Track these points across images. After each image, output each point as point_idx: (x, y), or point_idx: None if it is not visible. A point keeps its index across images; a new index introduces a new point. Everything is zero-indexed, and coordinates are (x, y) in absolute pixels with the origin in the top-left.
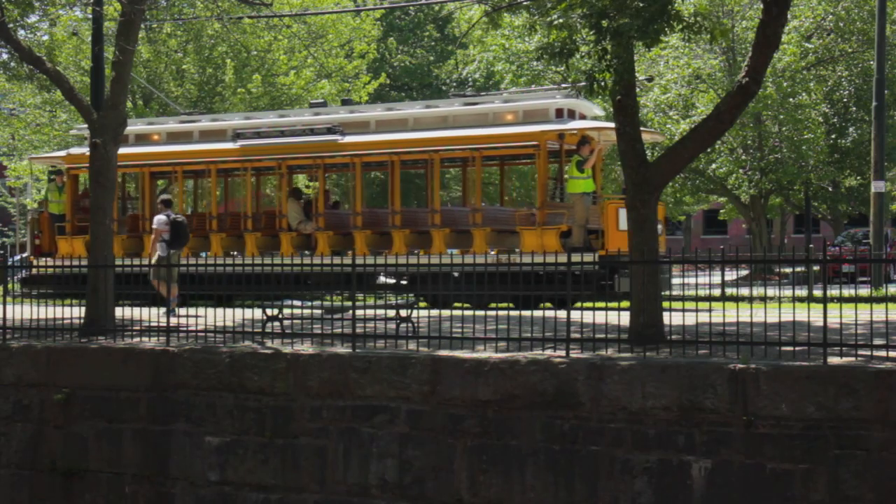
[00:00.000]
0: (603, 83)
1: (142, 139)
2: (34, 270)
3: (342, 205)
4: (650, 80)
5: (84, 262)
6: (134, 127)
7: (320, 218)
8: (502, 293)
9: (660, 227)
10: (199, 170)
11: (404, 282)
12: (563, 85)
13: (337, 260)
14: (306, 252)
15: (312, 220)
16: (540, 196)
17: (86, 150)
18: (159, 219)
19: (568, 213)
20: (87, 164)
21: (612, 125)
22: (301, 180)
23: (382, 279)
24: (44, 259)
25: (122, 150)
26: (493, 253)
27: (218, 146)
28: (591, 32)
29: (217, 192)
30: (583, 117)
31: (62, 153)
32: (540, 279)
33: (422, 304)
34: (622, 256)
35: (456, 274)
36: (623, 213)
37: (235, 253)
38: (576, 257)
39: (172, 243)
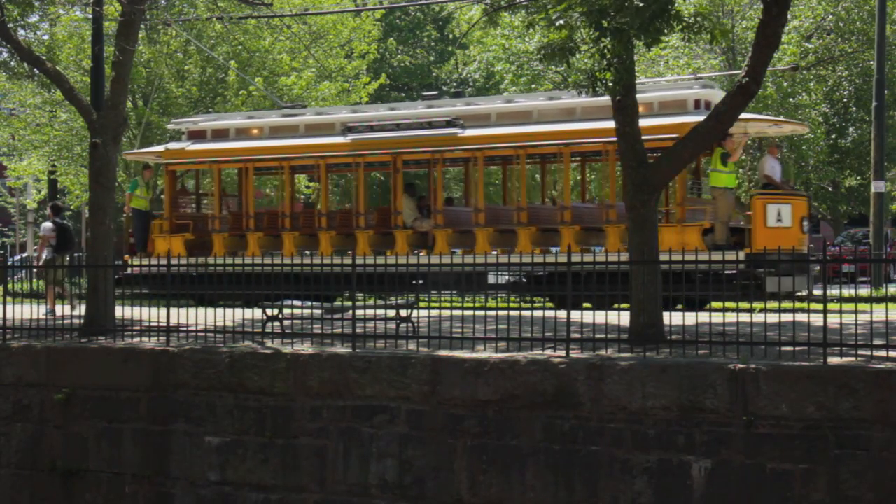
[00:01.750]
0: (604, 82)
1: (242, 133)
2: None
3: (452, 201)
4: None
5: (184, 262)
6: (233, 121)
7: (439, 215)
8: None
9: (806, 224)
10: (306, 164)
11: (523, 281)
12: (559, 85)
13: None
14: (423, 251)
15: (431, 217)
16: (680, 191)
17: (185, 145)
18: (46, 226)
19: (710, 210)
20: (187, 160)
21: (758, 116)
22: (301, 179)
23: (495, 279)
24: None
25: (222, 145)
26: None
27: (327, 140)
28: (592, 31)
29: (327, 187)
30: None
31: (160, 148)
32: (679, 279)
33: (548, 305)
34: (770, 254)
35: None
36: (772, 209)
37: (349, 252)
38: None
39: (58, 248)
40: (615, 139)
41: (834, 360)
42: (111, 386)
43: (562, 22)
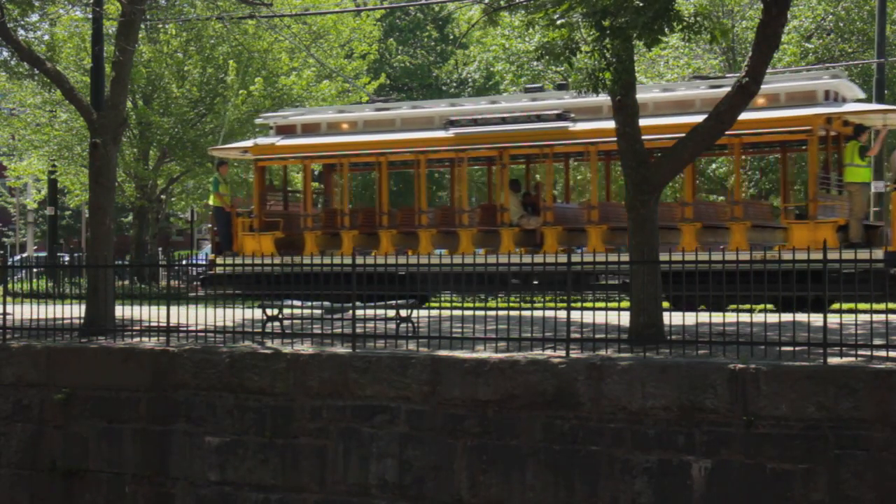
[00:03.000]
0: (604, 82)
1: (333, 128)
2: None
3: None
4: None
5: (276, 262)
6: (324, 115)
7: (548, 212)
8: (758, 293)
9: None
10: (405, 160)
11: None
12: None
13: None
14: (530, 249)
15: (540, 214)
16: (811, 186)
17: (274, 140)
18: None
19: (845, 206)
20: (277, 156)
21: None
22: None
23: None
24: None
25: (313, 140)
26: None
27: (427, 135)
28: (593, 31)
29: (425, 183)
30: (844, 100)
31: (248, 143)
32: (815, 278)
33: (665, 305)
34: None
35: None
36: None
37: (446, 251)
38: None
39: None
40: (744, 132)
41: (834, 360)
42: (111, 386)
43: (562, 21)
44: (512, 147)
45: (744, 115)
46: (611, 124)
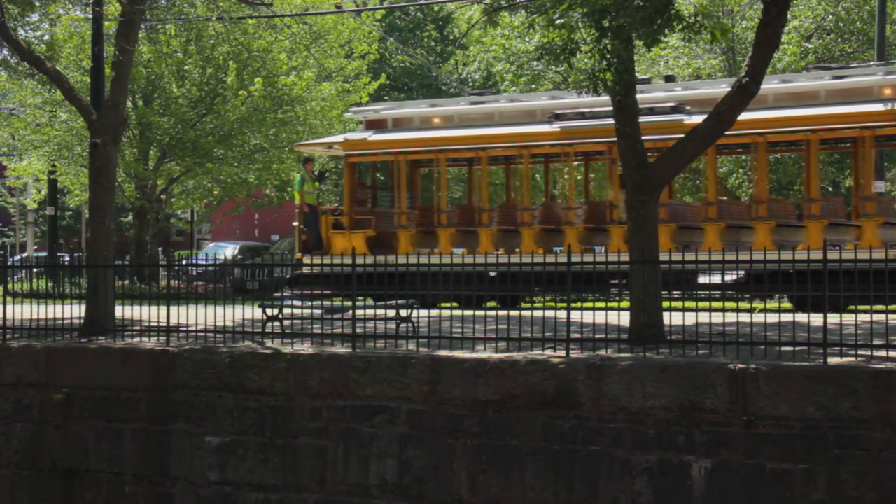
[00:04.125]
0: (604, 82)
1: (427, 122)
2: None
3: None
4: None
5: (369, 261)
6: (417, 109)
7: (662, 208)
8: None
9: None
10: (507, 155)
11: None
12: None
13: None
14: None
15: None
16: None
17: (365, 135)
18: None
19: None
20: (369, 151)
21: None
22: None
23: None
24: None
25: (407, 135)
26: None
27: (531, 129)
28: (593, 31)
29: (530, 179)
30: None
31: (339, 138)
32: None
33: (786, 306)
34: None
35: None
36: None
37: (559, 249)
38: None
39: None
40: (872, 125)
41: (834, 360)
42: (111, 386)
43: (562, 21)
44: (616, 141)
45: (871, 107)
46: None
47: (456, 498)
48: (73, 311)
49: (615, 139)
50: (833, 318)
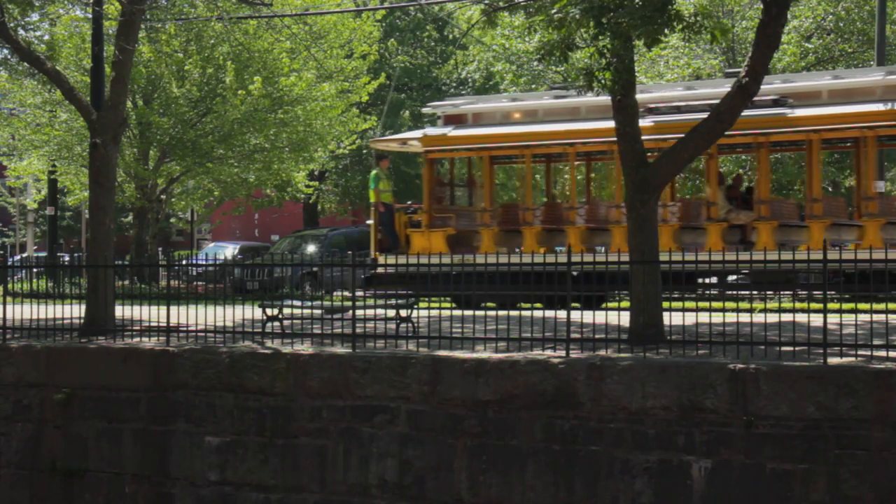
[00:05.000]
0: (602, 80)
1: (509, 117)
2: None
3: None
4: None
5: (445, 261)
6: (499, 104)
7: (763, 206)
8: None
9: None
10: (598, 150)
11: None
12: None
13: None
14: (739, 246)
15: (752, 208)
16: None
17: (445, 131)
18: None
19: None
20: (449, 147)
21: None
22: (299, 178)
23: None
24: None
25: (489, 130)
26: None
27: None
28: (592, 27)
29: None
30: None
31: (417, 134)
32: None
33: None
34: None
35: None
36: None
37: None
38: None
39: None
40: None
41: (834, 360)
42: (111, 386)
43: (559, 15)
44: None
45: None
46: (833, 110)
47: (456, 498)
48: (73, 311)
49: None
50: (833, 318)
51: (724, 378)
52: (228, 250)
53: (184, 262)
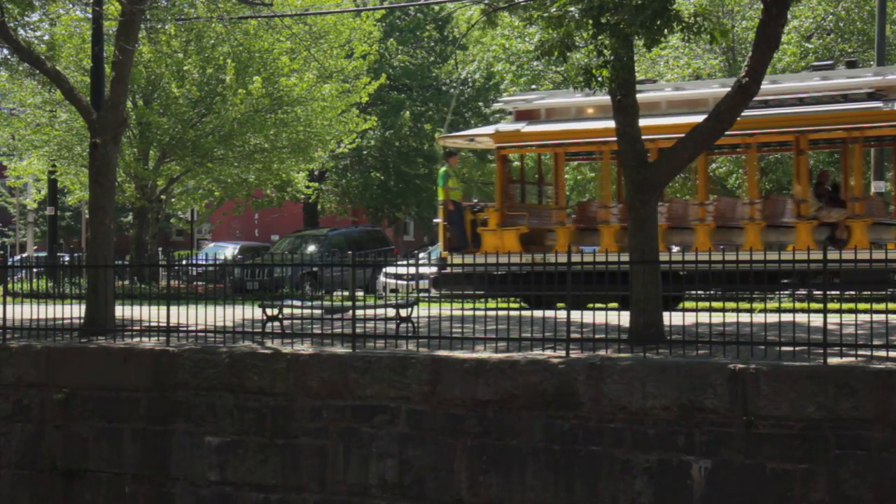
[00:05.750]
0: (600, 79)
1: (583, 112)
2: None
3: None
4: None
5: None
6: (573, 99)
7: (857, 203)
8: None
9: None
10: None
11: None
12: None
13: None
14: (827, 244)
15: (846, 205)
16: None
17: (518, 127)
18: None
19: None
20: (522, 143)
21: None
22: (298, 178)
23: None
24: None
25: (564, 126)
26: None
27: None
28: (590, 26)
29: (704, 173)
30: None
31: (489, 130)
32: None
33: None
34: None
35: None
36: None
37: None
38: None
39: None
40: None
41: (834, 360)
42: (111, 386)
43: (556, 10)
44: (811, 131)
45: None
46: None
47: (456, 498)
48: (73, 311)
49: (803, 129)
50: (833, 318)
51: (724, 378)
52: (228, 250)
53: (184, 262)
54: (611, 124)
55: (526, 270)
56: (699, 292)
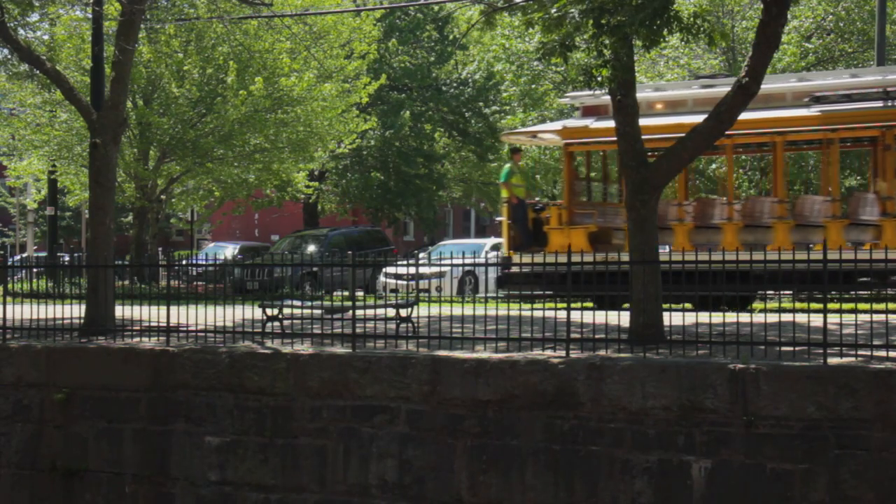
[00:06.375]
0: (600, 78)
1: (652, 108)
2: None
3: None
4: None
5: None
6: (643, 94)
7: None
8: None
9: None
10: (756, 142)
11: None
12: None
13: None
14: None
15: None
16: None
17: (586, 123)
18: None
19: None
20: (591, 139)
21: None
22: (298, 178)
23: None
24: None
25: (677, 120)
26: None
27: (784, 113)
28: (591, 27)
29: (783, 167)
30: None
31: (556, 126)
32: None
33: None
34: None
35: None
36: None
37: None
38: None
39: None
40: None
41: (834, 360)
42: (111, 386)
43: (556, 12)
44: None
45: None
46: None
47: (456, 498)
48: (73, 311)
49: (890, 124)
50: (833, 318)
51: (724, 378)
52: (228, 250)
53: (184, 262)
54: (684, 119)
55: (599, 270)
56: (769, 293)
